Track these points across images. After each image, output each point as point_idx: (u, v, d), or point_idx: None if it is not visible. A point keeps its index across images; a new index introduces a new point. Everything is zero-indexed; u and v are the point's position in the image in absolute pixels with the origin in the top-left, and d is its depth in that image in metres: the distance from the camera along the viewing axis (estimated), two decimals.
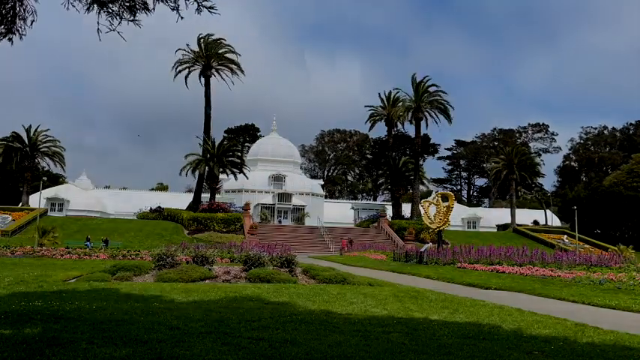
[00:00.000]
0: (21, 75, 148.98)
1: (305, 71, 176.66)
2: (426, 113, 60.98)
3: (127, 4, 6.27)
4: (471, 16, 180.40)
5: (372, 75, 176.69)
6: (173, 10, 6.19)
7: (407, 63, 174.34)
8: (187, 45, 58.30)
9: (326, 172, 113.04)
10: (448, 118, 60.75)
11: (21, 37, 6.56)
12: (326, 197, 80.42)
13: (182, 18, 6.27)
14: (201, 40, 58.42)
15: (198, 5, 6.20)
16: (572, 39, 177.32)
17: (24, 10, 6.42)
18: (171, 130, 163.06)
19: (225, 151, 57.08)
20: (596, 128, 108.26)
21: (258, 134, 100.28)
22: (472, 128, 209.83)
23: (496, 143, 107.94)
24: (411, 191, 65.98)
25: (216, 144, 56.74)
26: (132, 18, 6.26)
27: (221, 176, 58.91)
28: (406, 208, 64.31)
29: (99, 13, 6.23)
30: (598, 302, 11.93)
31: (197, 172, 56.34)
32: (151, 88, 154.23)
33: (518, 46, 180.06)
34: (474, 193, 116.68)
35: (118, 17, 6.24)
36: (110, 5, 6.26)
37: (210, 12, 6.23)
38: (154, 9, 6.36)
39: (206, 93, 58.21)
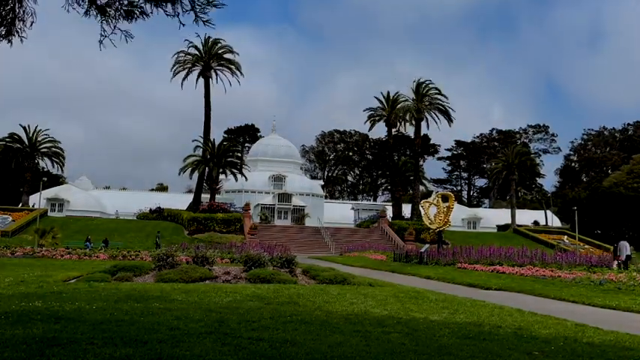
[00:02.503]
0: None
1: (306, 70, 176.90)
2: (426, 114, 60.98)
3: (125, 8, 6.27)
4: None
5: (373, 75, 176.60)
6: (171, 16, 6.21)
7: (406, 59, 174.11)
8: (187, 40, 57.93)
9: (326, 173, 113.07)
10: (449, 119, 60.76)
11: (21, 39, 6.56)
12: (326, 197, 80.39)
13: (183, 25, 6.29)
14: (200, 41, 58.47)
15: (195, 16, 6.23)
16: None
17: (23, 11, 6.42)
18: (171, 130, 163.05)
19: (225, 151, 57.08)
20: (597, 130, 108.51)
21: (258, 134, 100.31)
22: (472, 129, 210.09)
23: (496, 144, 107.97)
24: (411, 191, 65.94)
25: (216, 145, 56.73)
26: (131, 22, 6.26)
27: (221, 177, 58.91)
28: (406, 209, 64.25)
29: (100, 17, 6.22)
30: (598, 302, 11.94)
31: (197, 173, 56.35)
32: (151, 88, 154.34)
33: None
34: (474, 194, 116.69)
35: (115, 22, 6.25)
36: (108, 9, 6.25)
37: (206, 25, 6.31)
38: (152, 12, 6.37)
39: (205, 94, 58.19)
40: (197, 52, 58.41)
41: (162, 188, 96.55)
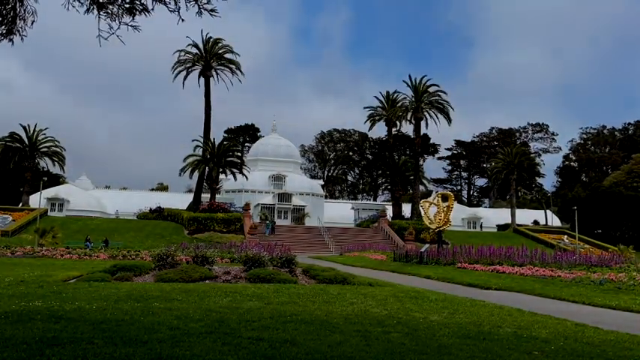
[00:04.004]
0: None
1: (305, 71, 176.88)
2: (426, 113, 60.93)
3: (127, 5, 6.25)
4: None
5: (372, 74, 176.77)
6: (173, 12, 6.17)
7: (404, 60, 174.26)
8: (188, 37, 57.87)
9: (326, 172, 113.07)
10: (448, 118, 60.73)
11: (22, 38, 6.56)
12: (326, 197, 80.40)
13: (183, 20, 6.25)
14: (201, 40, 58.42)
15: (199, 8, 6.17)
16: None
17: (24, 10, 6.42)
18: (171, 130, 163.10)
19: (225, 151, 57.07)
20: (595, 128, 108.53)
21: (258, 134, 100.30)
22: (472, 128, 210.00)
23: (496, 143, 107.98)
24: (411, 191, 65.94)
25: (216, 144, 56.73)
26: (131, 21, 6.24)
27: (221, 176, 58.91)
28: (406, 208, 64.27)
29: (98, 15, 6.21)
30: (598, 302, 11.94)
31: (197, 173, 56.35)
32: (150, 88, 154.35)
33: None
34: (474, 194, 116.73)
35: (116, 19, 6.22)
36: (109, 7, 6.24)
37: (212, 15, 6.22)
38: (152, 9, 6.34)
39: (206, 93, 58.17)
40: (197, 52, 58.41)
41: (162, 188, 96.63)
